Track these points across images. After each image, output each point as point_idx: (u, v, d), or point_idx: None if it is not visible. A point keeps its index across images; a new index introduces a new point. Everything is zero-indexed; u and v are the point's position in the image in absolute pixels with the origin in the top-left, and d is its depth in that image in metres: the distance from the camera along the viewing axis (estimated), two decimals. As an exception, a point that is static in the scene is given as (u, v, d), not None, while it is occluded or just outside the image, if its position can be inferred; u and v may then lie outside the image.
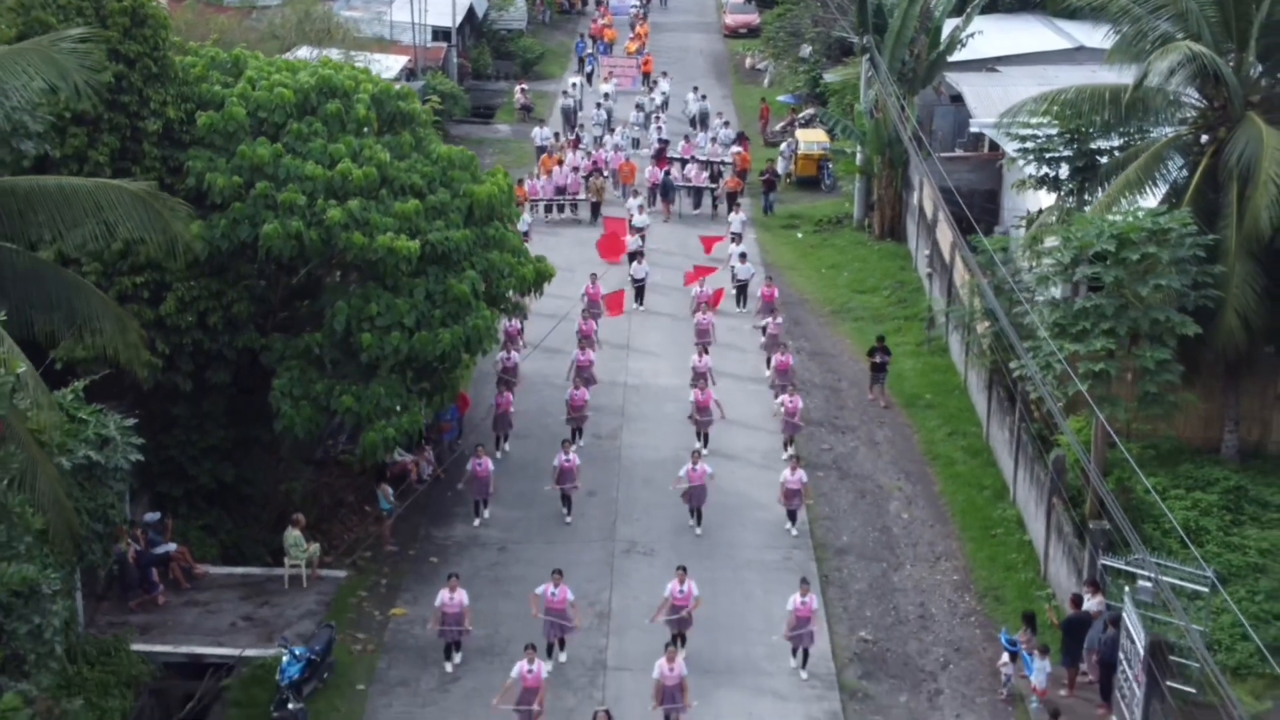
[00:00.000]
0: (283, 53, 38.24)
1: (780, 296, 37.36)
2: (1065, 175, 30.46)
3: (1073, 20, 46.73)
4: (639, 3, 73.34)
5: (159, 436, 25.59)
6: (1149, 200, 27.50)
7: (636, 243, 40.09)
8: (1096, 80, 30.40)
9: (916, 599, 25.82)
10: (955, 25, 42.79)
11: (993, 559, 26.82)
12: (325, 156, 25.66)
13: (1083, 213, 27.95)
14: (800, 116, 54.04)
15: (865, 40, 42.84)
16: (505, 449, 30.80)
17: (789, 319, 36.61)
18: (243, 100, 25.86)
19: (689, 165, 46.68)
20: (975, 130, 42.08)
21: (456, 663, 23.67)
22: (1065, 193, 30.48)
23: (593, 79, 59.59)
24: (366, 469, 28.79)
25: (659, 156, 47.18)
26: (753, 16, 70.92)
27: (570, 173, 45.55)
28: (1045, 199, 32.19)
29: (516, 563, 26.74)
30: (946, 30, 42.80)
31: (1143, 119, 28.59)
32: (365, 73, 28.06)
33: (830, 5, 52.51)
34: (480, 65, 61.81)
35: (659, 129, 50.17)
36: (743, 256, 39.03)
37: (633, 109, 53.22)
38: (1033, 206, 33.65)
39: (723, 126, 50.56)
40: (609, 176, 46.28)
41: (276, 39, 42.75)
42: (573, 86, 55.71)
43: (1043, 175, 30.88)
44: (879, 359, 33.51)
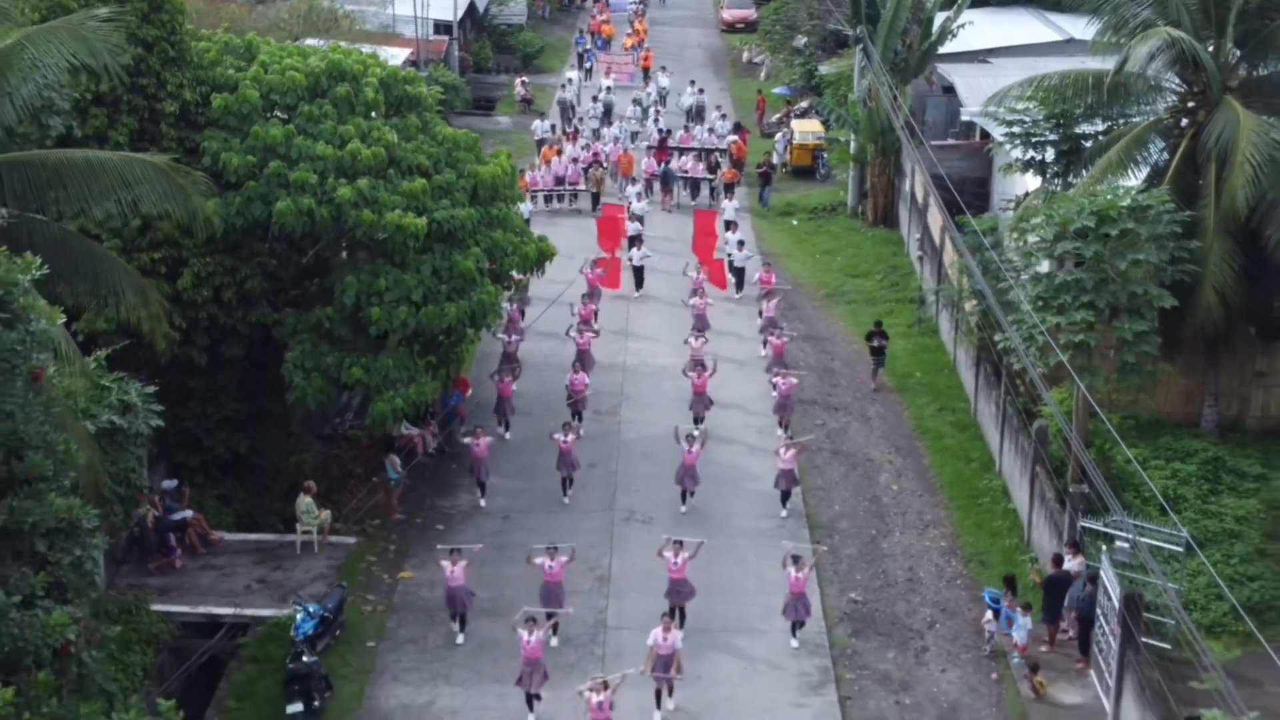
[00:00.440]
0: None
1: (776, 281, 38.21)
2: (1050, 159, 31.44)
3: (1062, 13, 47.76)
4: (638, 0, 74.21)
5: (175, 409, 26.36)
6: (1131, 182, 28.38)
7: (636, 228, 40.91)
8: (1081, 66, 31.37)
9: (905, 564, 26.77)
10: (946, 17, 43.69)
11: (979, 526, 27.77)
12: (335, 137, 26.60)
13: (1067, 195, 28.90)
14: (796, 108, 54.94)
15: (859, 31, 43.79)
16: (506, 435, 31.28)
17: (785, 303, 37.52)
18: (256, 83, 26.76)
19: (685, 156, 47.54)
20: (966, 119, 43.07)
21: (462, 640, 24.26)
22: (1051, 176, 31.43)
23: (591, 74, 60.24)
24: (375, 442, 29.78)
25: (659, 147, 47.95)
26: (749, 11, 71.73)
27: (569, 163, 46.25)
28: (1032, 182, 33.14)
29: (519, 530, 27.68)
30: (938, 22, 43.70)
31: (1125, 103, 29.49)
32: (373, 58, 28.95)
33: (825, -2, 53.51)
34: (481, 59, 62.50)
35: (657, 121, 51.02)
36: (740, 244, 39.83)
37: (630, 103, 53.88)
38: (1020, 191, 34.62)
39: (720, 119, 51.37)
40: (608, 168, 47.10)
41: (284, 29, 43.61)
42: (569, 81, 56.36)
43: (1029, 159, 31.85)
44: (877, 343, 33.98)
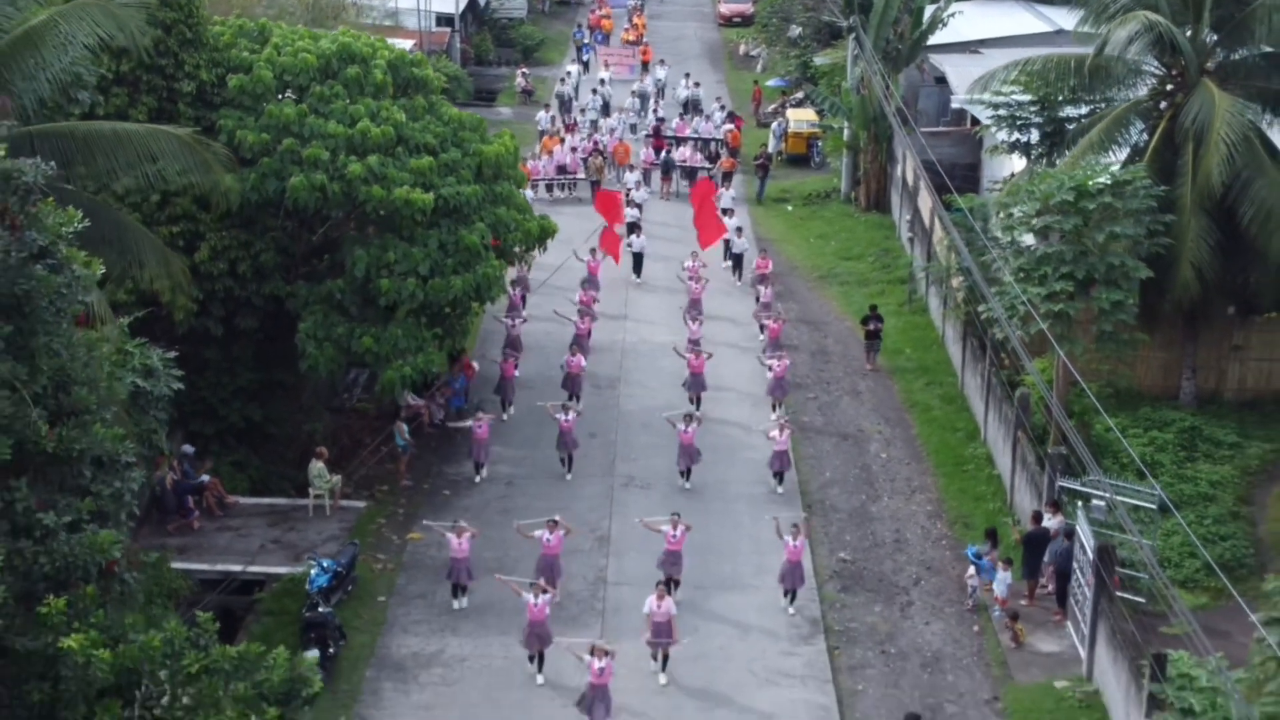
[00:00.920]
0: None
1: (773, 267, 39.23)
2: (1035, 140, 32.59)
3: (1051, 5, 48.87)
4: (637, -5, 75.16)
5: (192, 378, 27.11)
6: (1111, 161, 29.58)
7: (635, 215, 41.83)
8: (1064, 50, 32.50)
9: (892, 526, 27.87)
10: (937, 7, 44.77)
11: (963, 491, 28.87)
12: (346, 116, 27.67)
13: (1049, 171, 30.00)
14: (791, 98, 56.01)
15: (851, 20, 44.93)
16: (505, 416, 31.93)
17: (780, 286, 38.53)
18: (269, 65, 27.82)
19: (683, 146, 48.49)
20: (957, 107, 44.18)
21: (464, 605, 25.06)
22: (1035, 157, 32.58)
23: (589, 68, 61.11)
24: (383, 414, 30.86)
25: (655, 135, 48.92)
26: (746, 6, 72.75)
27: (569, 152, 47.19)
28: (1018, 164, 34.28)
29: (523, 495, 28.77)
30: (929, 12, 44.79)
31: (1106, 86, 30.67)
32: (381, 41, 30.03)
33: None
34: (482, 51, 63.47)
35: (656, 112, 51.98)
36: (739, 230, 40.84)
37: (629, 96, 54.49)
38: (1007, 173, 35.76)
39: (719, 110, 52.29)
40: (607, 159, 48.05)
41: (291, 18, 44.58)
42: (569, 75, 57.19)
43: (1014, 141, 33.00)
44: (873, 326, 34.75)
